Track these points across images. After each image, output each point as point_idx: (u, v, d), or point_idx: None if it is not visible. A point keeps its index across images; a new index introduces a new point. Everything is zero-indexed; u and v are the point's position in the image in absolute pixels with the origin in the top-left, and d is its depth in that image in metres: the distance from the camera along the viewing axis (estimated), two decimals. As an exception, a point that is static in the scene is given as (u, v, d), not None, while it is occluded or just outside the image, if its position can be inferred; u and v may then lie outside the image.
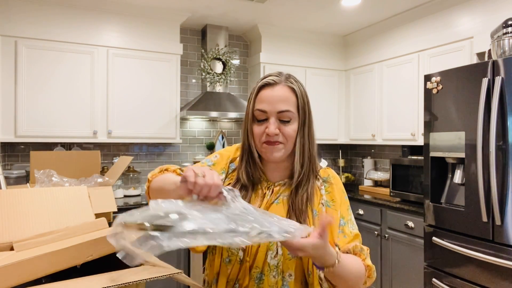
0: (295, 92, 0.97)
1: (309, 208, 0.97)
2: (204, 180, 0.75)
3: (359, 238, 1.01)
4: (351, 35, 4.09)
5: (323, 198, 1.01)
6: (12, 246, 0.93)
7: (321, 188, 1.03)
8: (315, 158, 1.03)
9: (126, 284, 0.73)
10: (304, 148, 0.99)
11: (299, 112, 0.98)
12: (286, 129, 0.96)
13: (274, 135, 0.95)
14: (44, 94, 3.00)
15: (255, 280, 0.94)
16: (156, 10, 3.36)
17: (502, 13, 2.58)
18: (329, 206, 1.01)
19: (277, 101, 0.95)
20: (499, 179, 2.01)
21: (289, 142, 0.98)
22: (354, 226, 1.03)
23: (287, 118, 0.96)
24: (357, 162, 4.46)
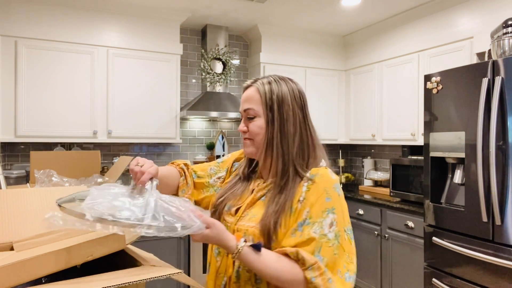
0: (259, 91, 1.05)
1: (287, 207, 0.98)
2: (138, 168, 0.95)
3: (314, 242, 0.92)
4: (351, 35, 4.09)
5: (302, 195, 0.99)
6: (12, 246, 0.93)
7: (304, 185, 1.00)
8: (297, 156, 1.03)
9: (126, 284, 0.73)
10: (272, 144, 1.03)
11: (265, 109, 1.03)
12: (250, 125, 1.05)
13: (241, 131, 1.07)
14: (44, 94, 3.00)
15: (235, 273, 1.01)
16: (156, 10, 3.36)
17: (502, 13, 2.58)
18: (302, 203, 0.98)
19: (244, 102, 1.07)
20: (499, 179, 2.01)
21: (256, 138, 1.05)
22: (319, 230, 0.94)
23: (250, 115, 1.05)
24: (357, 162, 4.47)
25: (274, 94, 1.03)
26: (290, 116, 1.03)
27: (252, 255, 0.90)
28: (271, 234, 0.96)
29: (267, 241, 0.97)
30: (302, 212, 0.97)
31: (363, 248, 3.44)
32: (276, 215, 0.97)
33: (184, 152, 3.87)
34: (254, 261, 0.90)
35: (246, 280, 1.00)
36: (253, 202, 1.06)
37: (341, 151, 4.46)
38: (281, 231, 0.97)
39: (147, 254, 1.01)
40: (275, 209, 0.98)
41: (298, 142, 1.03)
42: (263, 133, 1.03)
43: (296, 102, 1.04)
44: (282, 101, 1.03)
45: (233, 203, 1.09)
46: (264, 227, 0.97)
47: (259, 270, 0.91)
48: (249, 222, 1.02)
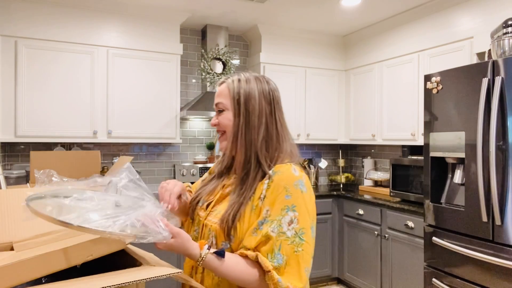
0: (228, 86, 1.09)
1: (247, 204, 1.01)
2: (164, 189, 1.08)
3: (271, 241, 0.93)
4: (351, 35, 4.09)
5: (263, 193, 1.00)
6: (12, 246, 0.93)
7: (265, 183, 1.01)
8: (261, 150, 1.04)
9: (126, 283, 0.73)
10: (237, 136, 1.06)
11: (232, 102, 1.08)
12: (220, 119, 1.09)
13: (213, 125, 1.11)
14: (44, 94, 3.00)
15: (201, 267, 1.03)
16: (156, 10, 3.36)
17: (502, 13, 2.58)
18: (263, 201, 0.99)
19: (215, 97, 1.12)
20: (499, 179, 2.01)
21: (227, 131, 1.09)
22: (277, 229, 0.94)
23: (219, 108, 1.10)
24: (357, 162, 4.46)
25: (241, 89, 1.08)
26: (256, 110, 1.06)
27: (215, 262, 0.92)
28: (229, 231, 0.99)
29: (227, 237, 1.00)
30: (263, 211, 0.98)
31: (363, 248, 3.44)
32: (234, 210, 1.00)
33: (184, 152, 3.88)
34: (217, 268, 0.93)
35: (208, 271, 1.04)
36: (222, 197, 1.10)
37: (341, 151, 4.46)
38: (241, 227, 0.99)
39: (147, 254, 1.00)
40: (233, 202, 1.02)
41: (263, 134, 1.05)
42: (231, 125, 1.07)
43: (264, 97, 1.08)
44: (248, 95, 1.07)
45: (206, 198, 1.14)
46: (222, 224, 1.00)
47: (222, 275, 0.95)
48: (214, 218, 1.06)
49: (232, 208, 1.00)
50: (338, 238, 3.79)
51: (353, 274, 3.58)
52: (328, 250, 3.75)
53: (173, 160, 3.84)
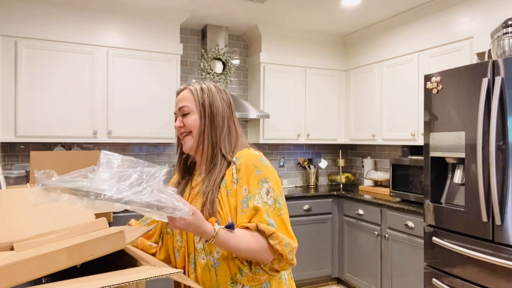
0: (192, 91, 1.19)
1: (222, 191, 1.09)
2: None
3: (260, 211, 1.04)
4: (351, 35, 4.09)
5: (234, 176, 1.10)
6: (12, 246, 0.93)
7: (233, 168, 1.12)
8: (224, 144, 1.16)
9: (126, 283, 0.73)
10: (203, 135, 1.16)
11: (197, 105, 1.17)
12: (186, 120, 1.17)
13: (178, 127, 1.18)
14: (44, 94, 3.00)
15: (191, 265, 1.09)
16: (156, 10, 3.36)
17: (502, 13, 2.58)
18: (237, 183, 1.09)
19: (178, 101, 1.20)
20: (499, 179, 2.01)
21: (193, 131, 1.16)
22: (260, 200, 1.06)
23: (185, 112, 1.17)
24: (357, 162, 4.47)
25: (205, 93, 1.19)
26: (219, 111, 1.18)
27: (228, 235, 0.98)
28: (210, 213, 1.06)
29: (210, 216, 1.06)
30: (241, 191, 1.08)
31: (363, 248, 3.44)
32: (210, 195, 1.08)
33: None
34: (230, 241, 0.98)
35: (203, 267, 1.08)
36: (193, 197, 1.16)
37: (341, 151, 4.46)
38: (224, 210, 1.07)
39: (147, 254, 1.01)
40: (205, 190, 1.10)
41: (225, 132, 1.17)
42: (197, 125, 1.16)
43: (224, 101, 1.21)
44: (212, 99, 1.18)
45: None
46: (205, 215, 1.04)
47: (234, 247, 0.99)
48: None
49: (208, 197, 1.08)
50: (338, 238, 3.79)
51: (353, 274, 3.58)
52: (328, 250, 3.75)
53: (173, 160, 3.83)
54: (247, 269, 1.05)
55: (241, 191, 1.08)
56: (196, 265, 1.08)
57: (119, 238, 0.91)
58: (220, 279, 1.05)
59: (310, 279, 3.70)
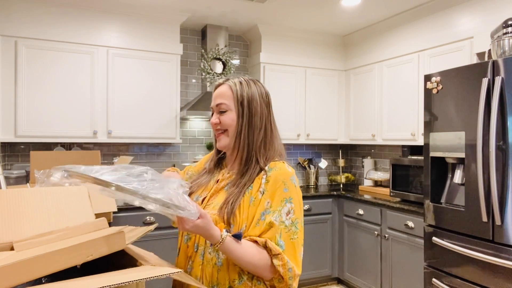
0: (231, 88, 1.15)
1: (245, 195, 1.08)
2: None
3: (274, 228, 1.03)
4: (351, 35, 4.09)
5: (262, 186, 1.09)
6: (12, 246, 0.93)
7: (263, 177, 1.10)
8: (260, 148, 1.14)
9: (126, 283, 0.73)
10: (240, 135, 1.14)
11: (236, 104, 1.14)
12: (223, 118, 1.14)
13: (214, 124, 1.16)
14: (44, 94, 3.00)
15: (200, 256, 1.09)
16: (156, 10, 3.36)
17: (502, 13, 2.58)
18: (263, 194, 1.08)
19: (216, 97, 1.17)
20: (499, 179, 2.01)
21: (230, 130, 1.14)
22: (279, 218, 1.05)
23: (222, 109, 1.15)
24: (357, 162, 4.47)
25: (244, 91, 1.15)
26: (258, 112, 1.15)
27: (233, 244, 0.98)
28: (229, 218, 1.05)
29: (227, 224, 1.06)
30: (264, 203, 1.07)
31: (363, 248, 3.44)
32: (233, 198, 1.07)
33: (184, 152, 3.88)
34: (234, 250, 0.98)
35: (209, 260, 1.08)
36: (217, 191, 1.16)
37: (341, 151, 4.46)
38: (241, 215, 1.06)
39: (147, 254, 1.01)
40: (232, 193, 1.09)
41: (262, 135, 1.15)
42: (234, 125, 1.14)
43: (263, 100, 1.17)
44: (251, 98, 1.15)
45: (200, 193, 1.19)
46: (222, 212, 1.06)
47: (237, 257, 0.99)
48: (212, 210, 1.10)
49: (232, 197, 1.07)
50: (338, 238, 3.79)
51: (353, 274, 3.58)
52: (328, 250, 3.75)
53: (173, 160, 3.84)
54: (247, 278, 1.05)
55: (264, 203, 1.06)
56: (204, 258, 1.08)
57: (119, 238, 0.91)
58: (220, 279, 1.05)
59: (310, 279, 3.70)
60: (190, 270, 1.10)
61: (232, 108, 1.14)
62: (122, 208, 2.93)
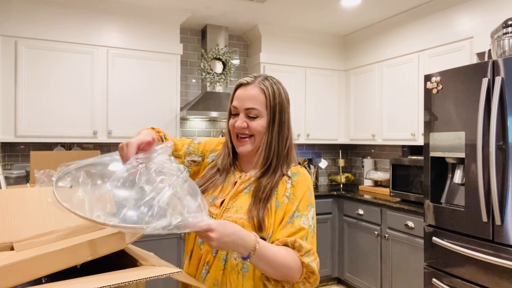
0: (265, 93, 1.08)
1: (272, 199, 1.06)
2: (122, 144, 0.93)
3: (303, 231, 1.02)
4: (351, 35, 4.09)
5: (288, 191, 1.08)
6: (12, 246, 0.93)
7: (288, 182, 1.09)
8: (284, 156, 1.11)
9: (126, 283, 0.73)
10: (270, 144, 1.09)
11: (269, 111, 1.08)
12: (253, 124, 1.08)
13: (240, 128, 1.08)
14: (44, 94, 3.00)
15: (221, 261, 1.04)
16: (156, 10, 3.36)
17: (502, 13, 2.58)
18: (289, 199, 1.07)
19: (246, 99, 1.08)
20: (499, 179, 2.01)
21: (257, 137, 1.09)
22: (307, 222, 1.05)
23: (253, 115, 1.08)
24: (357, 162, 4.46)
25: (276, 98, 1.10)
26: (287, 120, 1.12)
27: (268, 246, 0.94)
28: (260, 223, 1.02)
29: (257, 230, 1.02)
30: (291, 207, 1.05)
31: (363, 248, 3.44)
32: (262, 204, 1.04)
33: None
34: (269, 252, 0.93)
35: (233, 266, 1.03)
36: (236, 194, 1.10)
37: (341, 151, 4.46)
38: (269, 220, 1.04)
39: (147, 254, 1.00)
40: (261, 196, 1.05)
41: (288, 142, 1.12)
42: (263, 132, 1.08)
43: (288, 106, 1.14)
44: (282, 105, 1.11)
45: (216, 194, 1.13)
46: (253, 217, 1.03)
47: (272, 261, 0.94)
48: (236, 214, 1.06)
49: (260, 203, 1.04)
50: (338, 238, 3.79)
51: (353, 274, 3.58)
52: (328, 250, 3.75)
53: (173, 160, 3.83)
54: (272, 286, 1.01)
55: (292, 208, 1.05)
56: (227, 262, 1.04)
57: (119, 238, 0.91)
58: (245, 285, 1.02)
59: (310, 279, 3.70)
60: (206, 275, 1.06)
61: (263, 115, 1.08)
62: (122, 208, 2.93)
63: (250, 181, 1.12)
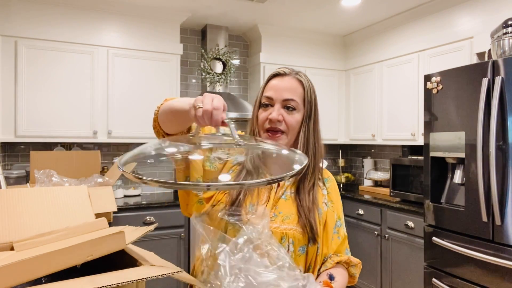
0: (303, 85, 1.00)
1: (315, 205, 0.99)
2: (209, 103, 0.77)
3: (346, 239, 1.07)
4: (351, 35, 4.09)
5: (325, 198, 1.04)
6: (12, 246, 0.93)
7: (323, 188, 1.04)
8: (320, 156, 1.03)
9: (126, 282, 0.73)
10: (308, 141, 1.00)
11: (305, 104, 1.00)
12: (289, 118, 0.98)
13: (276, 121, 0.97)
14: (44, 94, 3.00)
15: None
16: (156, 10, 3.36)
17: (502, 13, 2.58)
18: (328, 206, 1.03)
19: (284, 90, 0.99)
20: (499, 179, 2.01)
21: (290, 133, 0.99)
22: (345, 229, 1.08)
23: (292, 106, 0.98)
24: (357, 162, 4.46)
25: (312, 93, 1.03)
26: (319, 115, 1.05)
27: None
28: (314, 234, 0.96)
29: (312, 241, 0.96)
30: (333, 215, 1.03)
31: (363, 248, 3.44)
32: (313, 215, 0.97)
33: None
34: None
35: None
36: (276, 201, 1.00)
37: (341, 151, 4.46)
38: (320, 230, 1.00)
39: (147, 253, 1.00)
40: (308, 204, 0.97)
41: (319, 141, 1.04)
42: (298, 127, 1.00)
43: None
44: (316, 101, 1.04)
45: (254, 202, 0.99)
46: (305, 227, 0.95)
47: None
48: (285, 224, 0.97)
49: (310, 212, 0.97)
50: (338, 238, 3.78)
51: (353, 274, 3.58)
52: (328, 250, 3.74)
53: (173, 160, 3.83)
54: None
55: (333, 216, 1.02)
56: None
57: (119, 238, 0.91)
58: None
59: (310, 279, 3.70)
60: None
61: (300, 109, 1.00)
62: (122, 208, 2.93)
63: (286, 185, 1.02)
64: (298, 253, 0.96)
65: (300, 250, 0.95)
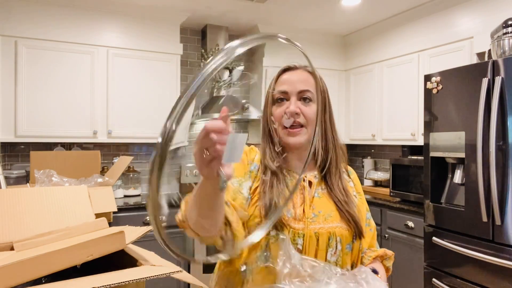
0: (315, 76, 0.97)
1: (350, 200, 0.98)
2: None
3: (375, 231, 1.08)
4: (351, 35, 4.09)
5: (353, 189, 1.05)
6: (12, 246, 0.93)
7: (349, 180, 1.06)
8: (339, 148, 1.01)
9: (126, 282, 0.73)
10: (327, 134, 0.98)
11: (321, 95, 0.98)
12: (307, 110, 0.95)
13: (294, 113, 0.94)
14: (44, 94, 3.00)
15: None
16: (156, 10, 3.36)
17: (502, 13, 2.58)
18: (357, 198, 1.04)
19: (298, 81, 0.97)
20: (499, 179, 2.01)
21: (310, 125, 0.96)
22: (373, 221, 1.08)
23: (308, 97, 0.96)
24: (357, 162, 4.46)
25: (324, 83, 1.02)
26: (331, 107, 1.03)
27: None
28: (360, 229, 0.96)
29: (358, 236, 0.97)
30: (363, 207, 1.04)
31: (363, 248, 3.44)
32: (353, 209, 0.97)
33: (188, 153, 3.86)
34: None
35: None
36: (311, 201, 0.97)
37: (341, 151, 4.46)
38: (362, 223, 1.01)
39: (147, 253, 1.01)
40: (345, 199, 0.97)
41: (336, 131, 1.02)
42: (315, 121, 0.95)
43: None
44: (327, 91, 1.03)
45: (289, 206, 0.95)
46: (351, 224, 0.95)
47: None
48: (328, 224, 0.94)
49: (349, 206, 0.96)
50: (338, 238, 3.79)
51: (353, 274, 3.58)
52: (328, 250, 3.74)
53: (174, 160, 3.83)
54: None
55: (363, 208, 1.03)
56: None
57: (119, 238, 0.91)
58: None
59: (310, 279, 3.70)
60: None
61: (315, 100, 0.96)
62: (122, 208, 2.93)
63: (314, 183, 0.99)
64: (345, 251, 0.95)
65: (347, 247, 0.95)
